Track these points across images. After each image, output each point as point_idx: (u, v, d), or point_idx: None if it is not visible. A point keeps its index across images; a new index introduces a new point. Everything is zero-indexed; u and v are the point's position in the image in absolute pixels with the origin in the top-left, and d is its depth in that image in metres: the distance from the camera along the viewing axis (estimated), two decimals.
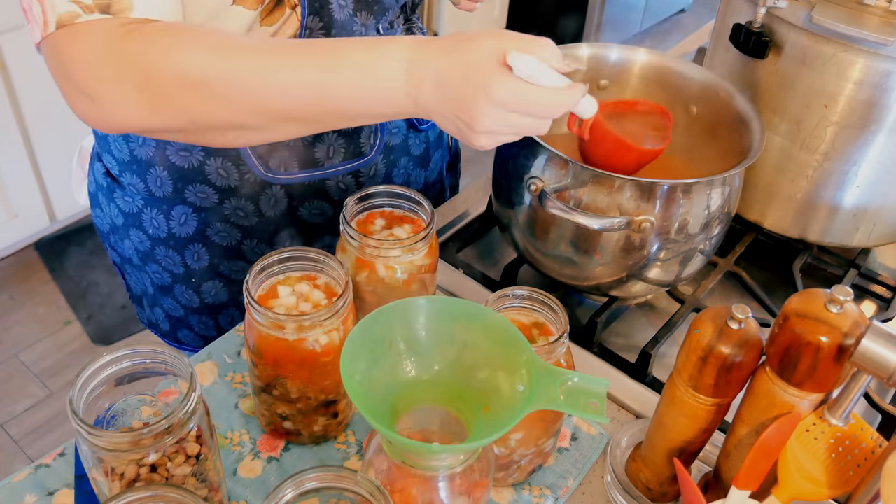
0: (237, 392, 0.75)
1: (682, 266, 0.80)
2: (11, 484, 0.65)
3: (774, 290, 0.93)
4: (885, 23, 0.75)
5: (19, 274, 2.27)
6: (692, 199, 0.74)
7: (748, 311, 0.55)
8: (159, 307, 0.99)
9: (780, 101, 0.85)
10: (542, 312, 0.65)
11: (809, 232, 0.92)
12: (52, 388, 1.98)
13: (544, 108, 0.60)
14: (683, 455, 0.63)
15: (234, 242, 0.90)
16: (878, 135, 0.82)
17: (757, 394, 0.56)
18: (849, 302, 0.51)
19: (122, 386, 0.58)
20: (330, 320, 0.62)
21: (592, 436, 0.74)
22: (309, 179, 0.86)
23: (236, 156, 0.83)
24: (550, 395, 0.51)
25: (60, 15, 0.61)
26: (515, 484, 0.69)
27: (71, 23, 0.61)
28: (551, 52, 0.60)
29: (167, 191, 0.86)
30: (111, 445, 0.52)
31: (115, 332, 2.13)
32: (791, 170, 0.88)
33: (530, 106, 0.59)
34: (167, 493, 0.49)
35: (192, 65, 0.61)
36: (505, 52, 0.58)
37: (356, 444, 0.71)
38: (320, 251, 0.66)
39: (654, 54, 0.89)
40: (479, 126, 0.59)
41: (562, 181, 0.74)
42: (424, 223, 0.74)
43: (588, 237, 0.76)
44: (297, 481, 0.50)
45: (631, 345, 0.86)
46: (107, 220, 0.95)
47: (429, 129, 0.97)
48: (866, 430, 0.54)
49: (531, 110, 0.59)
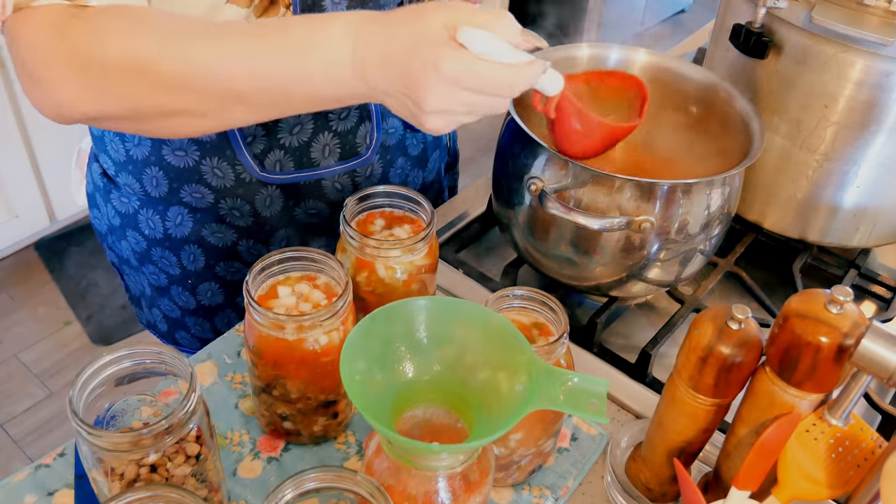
0: (237, 392, 0.75)
1: (682, 266, 0.80)
2: (11, 484, 0.65)
3: (774, 290, 0.93)
4: (885, 23, 0.75)
5: (19, 274, 2.27)
6: (692, 200, 0.74)
7: (748, 312, 0.55)
8: (157, 308, 0.99)
9: (780, 102, 0.85)
10: (542, 312, 0.65)
11: (809, 232, 0.92)
12: (52, 388, 1.98)
13: (500, 85, 0.56)
14: (683, 455, 0.63)
15: (230, 243, 0.90)
16: (878, 135, 0.82)
17: (757, 394, 0.56)
18: (849, 302, 0.51)
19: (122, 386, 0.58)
20: (330, 320, 0.62)
21: (592, 436, 0.74)
22: (304, 179, 0.86)
23: (232, 156, 0.83)
24: (550, 395, 0.51)
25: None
26: (515, 484, 0.69)
27: (27, 6, 0.60)
28: (509, 27, 0.56)
29: (163, 191, 0.86)
30: (111, 445, 0.52)
31: (115, 333, 2.13)
32: (791, 170, 0.88)
33: (484, 82, 0.55)
34: (167, 493, 0.49)
35: (132, 48, 0.59)
36: (456, 27, 0.54)
37: (356, 444, 0.71)
38: (320, 251, 0.66)
39: (654, 54, 0.89)
40: (428, 105, 0.55)
41: (562, 181, 0.74)
42: (424, 223, 0.74)
43: (588, 237, 0.76)
44: (297, 481, 0.50)
45: (631, 345, 0.86)
46: (104, 220, 0.95)
47: None
48: (866, 430, 0.54)
49: (485, 87, 0.55)
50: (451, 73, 0.54)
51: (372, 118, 0.87)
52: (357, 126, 0.86)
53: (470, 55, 0.54)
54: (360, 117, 0.86)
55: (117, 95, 0.61)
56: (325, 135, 0.84)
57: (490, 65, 0.54)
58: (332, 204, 0.90)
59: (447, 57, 0.54)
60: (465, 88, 0.55)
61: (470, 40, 0.54)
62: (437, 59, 0.54)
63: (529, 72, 0.57)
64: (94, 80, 0.60)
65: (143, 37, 0.59)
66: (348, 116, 0.85)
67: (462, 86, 0.55)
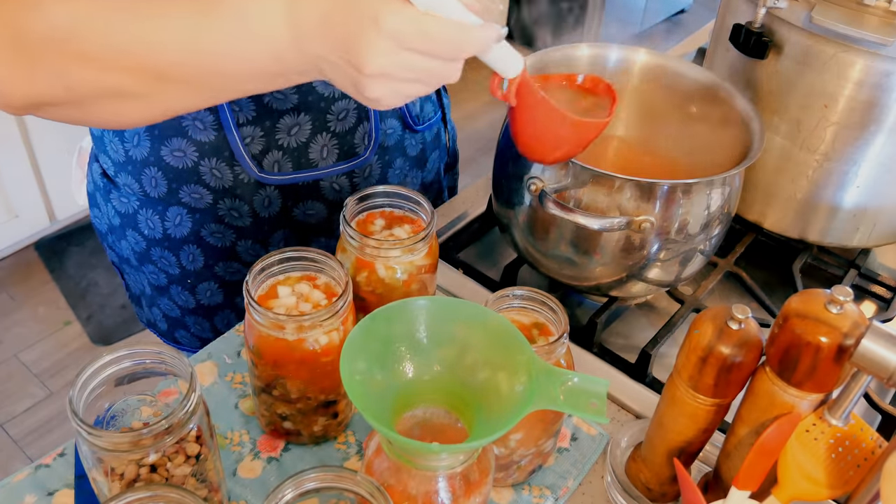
0: (237, 392, 0.75)
1: (682, 266, 0.80)
2: (11, 484, 0.65)
3: (774, 290, 0.93)
4: (885, 23, 0.75)
5: (19, 274, 2.27)
6: (692, 200, 0.74)
7: (748, 312, 0.55)
8: (157, 307, 0.99)
9: (780, 102, 0.85)
10: (542, 312, 0.65)
11: (809, 232, 0.92)
12: (52, 388, 1.98)
13: (447, 45, 0.50)
14: (683, 455, 0.63)
15: (229, 243, 0.90)
16: (878, 135, 0.82)
17: (757, 394, 0.56)
18: (849, 302, 0.51)
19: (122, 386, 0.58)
20: (330, 320, 0.62)
21: (592, 436, 0.74)
22: (303, 180, 0.86)
23: (230, 156, 0.83)
24: (550, 395, 0.51)
25: None
26: (515, 484, 0.69)
27: None
28: None
29: (162, 191, 0.86)
30: (111, 445, 0.52)
31: (115, 332, 2.13)
32: (791, 170, 0.88)
33: (429, 40, 0.50)
34: (167, 493, 0.49)
35: (59, 18, 0.55)
36: None
37: (356, 444, 0.71)
38: (320, 251, 0.66)
39: (654, 54, 0.89)
40: (369, 66, 0.50)
41: (562, 181, 0.74)
42: (424, 223, 0.74)
43: (588, 237, 0.76)
44: (297, 481, 0.50)
45: (631, 345, 0.86)
46: (104, 220, 0.95)
47: (425, 129, 0.97)
48: (866, 430, 0.54)
49: (432, 48, 0.50)
50: (393, 28, 0.49)
51: (370, 118, 0.87)
52: (355, 126, 0.86)
53: (415, 10, 0.49)
54: (359, 117, 0.86)
55: (48, 73, 0.57)
56: (323, 135, 0.84)
57: (437, 20, 0.50)
58: (330, 204, 0.90)
59: (389, 10, 0.49)
60: (409, 49, 0.50)
61: None
62: (378, 13, 0.49)
63: (481, 33, 0.52)
64: (24, 57, 0.57)
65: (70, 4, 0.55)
66: (346, 117, 0.85)
67: (406, 45, 0.50)
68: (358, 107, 0.85)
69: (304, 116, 0.82)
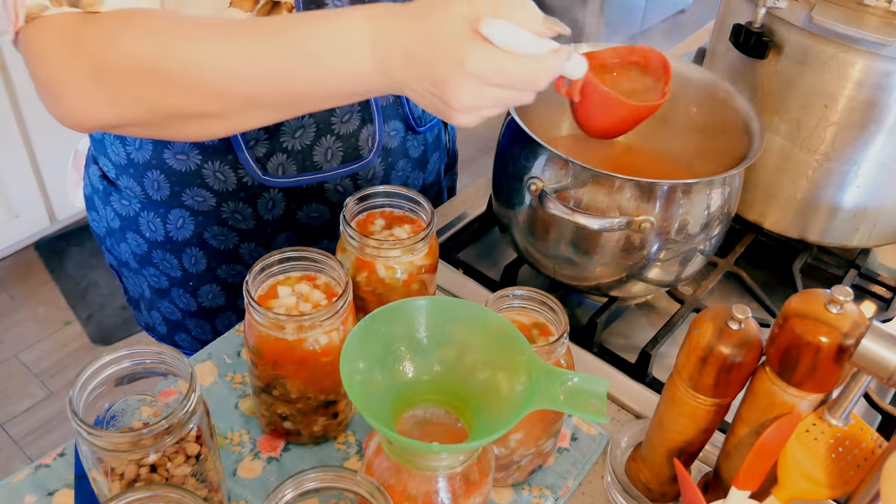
0: (237, 392, 0.75)
1: (682, 266, 0.80)
2: (11, 484, 0.65)
3: (774, 290, 0.93)
4: (885, 23, 0.75)
5: (19, 274, 2.27)
6: (692, 200, 0.74)
7: (748, 312, 0.55)
8: (156, 310, 0.99)
9: (780, 102, 0.85)
10: (542, 312, 0.65)
11: (809, 232, 0.92)
12: (52, 388, 1.98)
13: (525, 79, 0.55)
14: (683, 455, 0.63)
15: (232, 246, 0.90)
16: (878, 135, 0.82)
17: (757, 394, 0.56)
18: (849, 302, 0.51)
19: (122, 386, 0.58)
20: (330, 320, 0.62)
21: (592, 436, 0.74)
22: (307, 183, 0.86)
23: (233, 159, 0.83)
24: (550, 395, 0.51)
25: (29, 8, 0.60)
26: (515, 484, 0.69)
27: (38, 16, 0.60)
28: (530, 14, 0.55)
29: (164, 194, 0.86)
30: (111, 445, 0.52)
31: (115, 333, 2.13)
32: (791, 170, 0.88)
33: (510, 77, 0.54)
34: (167, 493, 0.49)
35: (140, 49, 0.58)
36: (478, 19, 0.53)
37: (356, 444, 0.71)
38: (320, 251, 0.66)
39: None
40: (457, 103, 0.55)
41: (562, 181, 0.74)
42: (424, 223, 0.74)
43: (588, 237, 0.76)
44: (297, 481, 0.50)
45: (631, 345, 0.86)
46: (103, 223, 0.95)
47: (427, 131, 0.97)
48: (866, 430, 0.54)
49: (511, 82, 0.55)
50: (477, 71, 0.53)
51: (374, 121, 0.87)
52: (359, 129, 0.86)
53: (494, 50, 0.53)
54: (363, 120, 0.86)
55: (131, 100, 0.60)
56: (327, 138, 0.84)
57: (515, 60, 0.54)
58: (333, 207, 0.90)
59: (472, 55, 0.53)
60: (491, 84, 0.54)
61: (493, 32, 0.53)
62: (462, 57, 0.53)
63: (554, 62, 0.56)
64: (108, 87, 0.59)
65: (150, 37, 0.58)
66: (350, 119, 0.85)
67: (488, 82, 0.54)
68: (362, 109, 0.85)
69: (309, 119, 0.82)
